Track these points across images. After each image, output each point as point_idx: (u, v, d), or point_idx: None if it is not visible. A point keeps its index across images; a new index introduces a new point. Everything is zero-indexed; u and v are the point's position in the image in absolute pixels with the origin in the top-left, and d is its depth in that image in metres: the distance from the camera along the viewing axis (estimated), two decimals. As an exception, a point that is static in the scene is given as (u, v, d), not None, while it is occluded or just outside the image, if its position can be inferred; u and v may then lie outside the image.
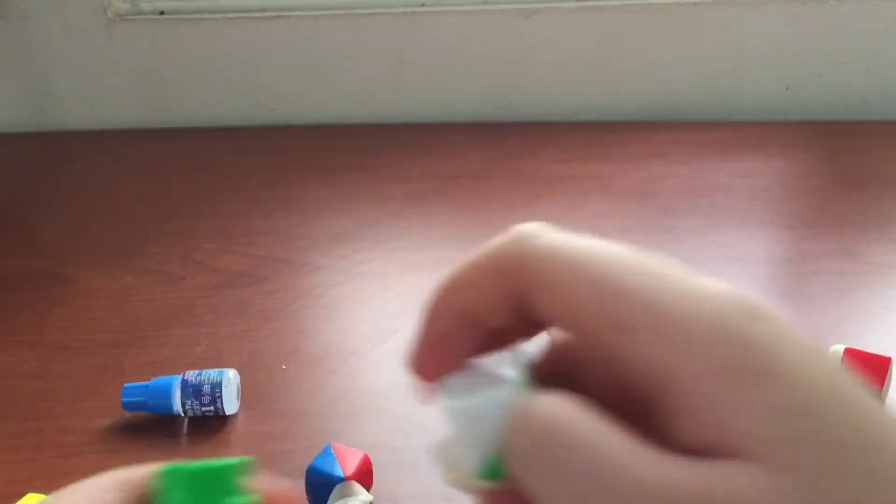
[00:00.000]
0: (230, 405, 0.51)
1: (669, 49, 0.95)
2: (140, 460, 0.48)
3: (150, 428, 0.51)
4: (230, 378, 0.51)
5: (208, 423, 0.51)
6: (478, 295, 0.23)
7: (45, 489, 0.45)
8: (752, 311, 0.20)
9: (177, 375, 0.51)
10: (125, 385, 0.51)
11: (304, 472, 0.42)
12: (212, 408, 0.50)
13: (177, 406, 0.50)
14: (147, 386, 0.51)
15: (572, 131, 0.92)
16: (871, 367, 0.47)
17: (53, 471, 0.48)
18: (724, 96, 0.96)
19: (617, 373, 0.21)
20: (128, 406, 0.51)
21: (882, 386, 0.47)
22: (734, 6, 0.92)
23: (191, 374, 0.51)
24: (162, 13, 0.98)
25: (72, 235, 0.77)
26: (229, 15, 0.97)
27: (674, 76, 0.96)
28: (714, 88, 0.96)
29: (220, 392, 0.50)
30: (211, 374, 0.50)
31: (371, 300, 0.63)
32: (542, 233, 0.23)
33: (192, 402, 0.50)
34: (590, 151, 0.87)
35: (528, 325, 0.23)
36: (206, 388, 0.50)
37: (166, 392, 0.50)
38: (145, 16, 0.99)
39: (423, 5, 0.95)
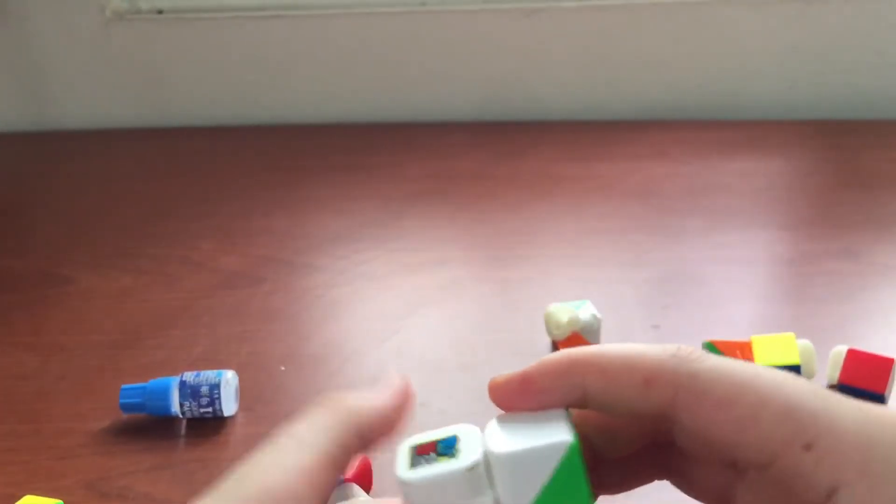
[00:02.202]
0: (228, 406, 0.50)
1: (671, 48, 0.94)
2: (138, 462, 0.48)
3: (148, 429, 0.50)
4: (228, 379, 0.51)
5: (207, 425, 0.50)
6: (609, 391, 0.24)
7: (42, 491, 0.45)
8: None
9: (175, 377, 0.50)
10: (123, 386, 0.51)
11: (303, 474, 0.41)
12: (210, 409, 0.50)
13: (175, 407, 0.50)
14: (145, 387, 0.50)
15: (572, 131, 0.92)
16: (875, 367, 0.47)
17: (50, 473, 0.47)
18: (726, 95, 0.96)
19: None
20: (125, 407, 0.51)
21: (885, 387, 0.46)
22: (736, 5, 0.92)
23: (189, 376, 0.50)
24: (160, 12, 0.98)
25: (69, 236, 0.77)
26: (228, 14, 0.97)
27: (675, 75, 0.96)
28: (716, 88, 0.96)
29: (219, 393, 0.50)
30: (209, 375, 0.50)
31: (371, 300, 0.63)
32: (701, 358, 0.24)
33: (191, 403, 0.50)
34: (590, 151, 0.86)
35: (638, 430, 0.25)
36: (205, 390, 0.49)
37: (164, 393, 0.50)
38: (144, 15, 0.98)
39: (424, 4, 0.94)
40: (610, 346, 0.25)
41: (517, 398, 0.26)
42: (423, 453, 0.25)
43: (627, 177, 0.80)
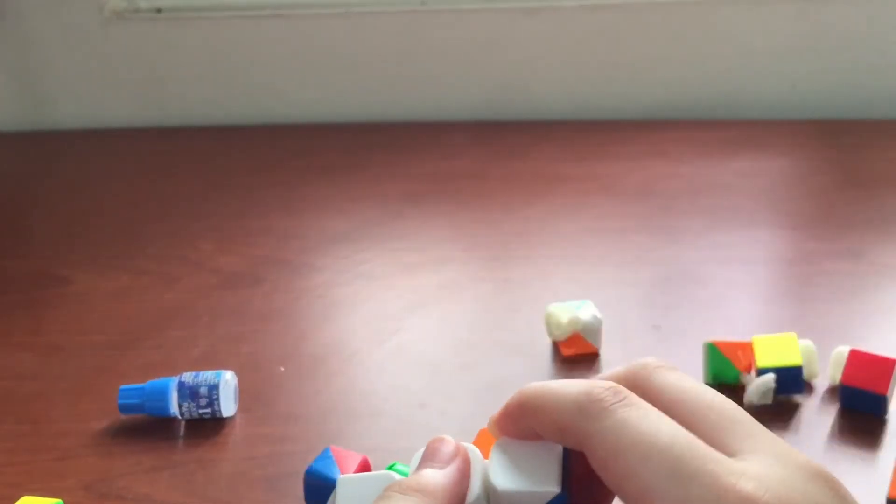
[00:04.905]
0: (227, 407, 0.50)
1: (672, 47, 0.94)
2: (136, 463, 0.48)
3: (147, 430, 0.50)
4: (227, 380, 0.50)
5: (205, 426, 0.50)
6: (544, 433, 0.27)
7: (40, 492, 0.45)
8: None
9: (174, 377, 0.50)
10: (121, 387, 0.51)
11: (303, 474, 0.41)
12: (209, 410, 0.49)
13: (173, 408, 0.50)
14: (143, 388, 0.50)
15: (573, 131, 0.92)
16: (877, 368, 0.47)
17: (48, 474, 0.47)
18: (728, 95, 0.95)
19: None
20: (124, 408, 0.50)
21: (887, 388, 0.46)
22: (736, 5, 0.92)
23: (188, 376, 0.50)
24: (159, 11, 0.98)
25: (67, 235, 0.76)
26: (227, 13, 0.97)
27: (677, 74, 0.95)
28: (718, 87, 0.95)
29: (218, 394, 0.49)
30: (208, 375, 0.50)
31: (371, 300, 0.63)
32: (602, 412, 0.25)
33: (189, 404, 0.49)
34: (591, 151, 0.86)
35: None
36: (204, 390, 0.49)
37: (163, 394, 0.50)
38: (142, 14, 0.98)
39: (424, 4, 0.94)
40: (545, 391, 0.27)
41: (504, 434, 0.29)
42: None
43: (627, 177, 0.80)
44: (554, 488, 0.26)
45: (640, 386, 0.27)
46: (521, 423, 0.28)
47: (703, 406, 0.26)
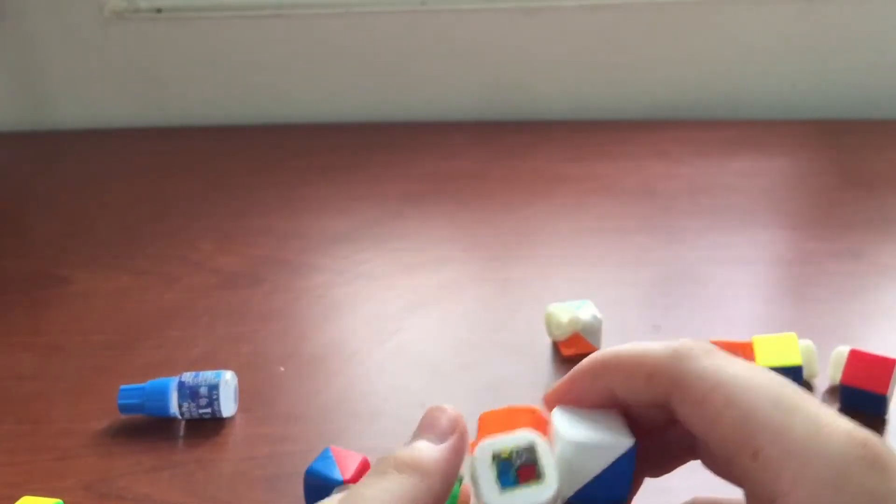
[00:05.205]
0: (227, 407, 0.50)
1: (672, 47, 0.94)
2: (136, 463, 0.48)
3: (147, 430, 0.50)
4: (227, 380, 0.50)
5: (205, 426, 0.50)
6: (624, 386, 0.27)
7: (40, 492, 0.44)
8: (874, 460, 0.22)
9: (174, 377, 0.50)
10: (121, 387, 0.51)
11: (303, 475, 0.41)
12: (209, 410, 0.49)
13: (173, 408, 0.50)
14: (143, 388, 0.50)
15: (573, 131, 0.92)
16: (877, 368, 0.47)
17: (48, 473, 0.47)
18: (728, 95, 0.95)
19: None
20: (124, 408, 0.50)
21: (887, 388, 0.46)
22: (736, 5, 0.92)
23: (188, 376, 0.50)
24: (159, 11, 0.98)
25: (67, 235, 0.76)
26: (227, 13, 0.97)
27: (677, 74, 0.95)
28: (718, 87, 0.95)
29: (218, 394, 0.49)
30: (208, 375, 0.50)
31: (371, 300, 0.63)
32: (698, 356, 0.25)
33: (189, 404, 0.49)
34: (590, 151, 0.86)
35: (664, 417, 0.27)
36: (204, 390, 0.49)
37: (163, 394, 0.50)
38: (142, 14, 0.98)
39: (424, 4, 0.94)
40: (625, 347, 0.27)
41: (566, 401, 0.28)
42: (507, 463, 0.27)
43: (627, 177, 0.80)
44: (628, 440, 0.26)
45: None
46: (596, 383, 0.27)
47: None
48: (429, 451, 0.26)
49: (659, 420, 0.27)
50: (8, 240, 0.77)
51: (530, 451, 0.26)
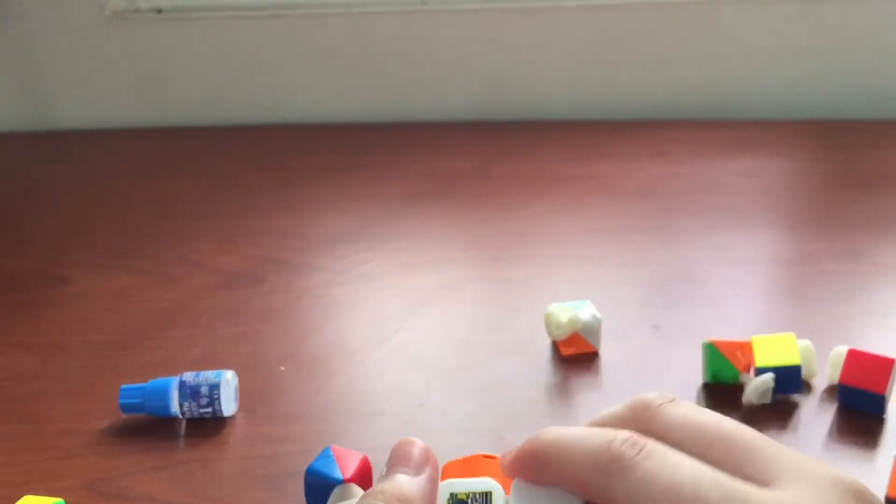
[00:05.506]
0: (228, 407, 0.50)
1: (671, 47, 0.94)
2: (137, 462, 0.48)
3: (148, 430, 0.50)
4: (228, 379, 0.50)
5: (206, 425, 0.50)
6: (560, 484, 0.27)
7: (41, 492, 0.45)
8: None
9: (174, 377, 0.50)
10: (122, 386, 0.51)
11: (303, 474, 0.41)
12: (210, 409, 0.50)
13: (174, 408, 0.50)
14: (144, 387, 0.50)
15: (572, 131, 0.92)
16: (875, 368, 0.47)
17: (49, 473, 0.47)
18: (727, 95, 0.96)
19: None
20: (125, 408, 0.50)
21: (885, 387, 0.46)
22: (736, 5, 0.92)
23: (188, 376, 0.50)
24: (160, 11, 0.98)
25: (68, 235, 0.77)
26: (227, 13, 0.97)
27: (676, 75, 0.96)
28: (717, 87, 0.96)
29: (219, 393, 0.49)
30: (209, 375, 0.50)
31: (371, 300, 0.63)
32: (628, 468, 0.25)
33: (190, 403, 0.49)
34: (590, 151, 0.86)
35: None
36: (204, 390, 0.49)
37: (164, 394, 0.50)
38: (143, 14, 0.98)
39: (424, 4, 0.94)
40: (561, 445, 0.27)
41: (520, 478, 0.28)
42: (461, 502, 0.28)
43: (627, 177, 0.80)
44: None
45: (646, 425, 0.27)
46: (537, 474, 0.27)
47: (720, 438, 0.26)
48: (410, 483, 0.28)
49: None
50: (9, 239, 0.77)
51: (486, 497, 0.27)
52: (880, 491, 0.42)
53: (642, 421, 0.27)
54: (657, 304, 0.60)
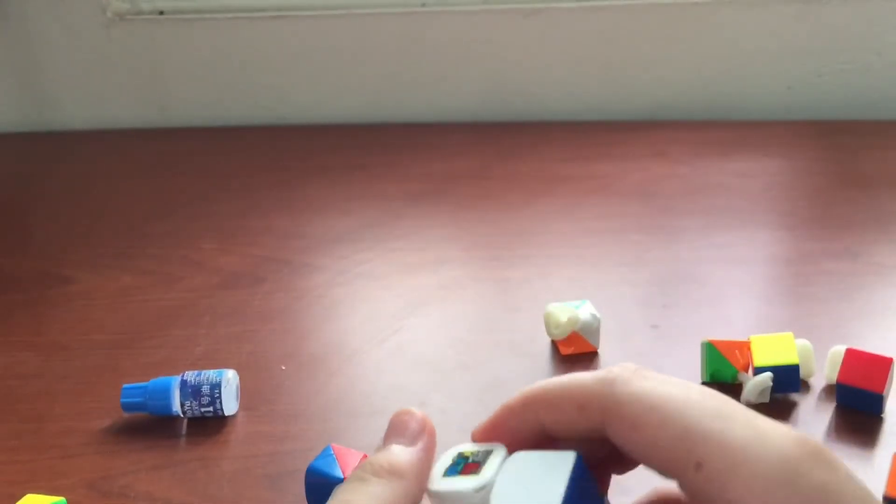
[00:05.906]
0: (229, 406, 0.50)
1: (670, 48, 0.95)
2: (139, 461, 0.48)
3: (149, 429, 0.50)
4: (229, 379, 0.51)
5: (207, 424, 0.50)
6: (555, 420, 0.27)
7: (43, 490, 0.45)
8: (819, 456, 0.23)
9: (176, 376, 0.51)
10: (124, 386, 0.51)
11: (304, 472, 0.42)
12: (211, 408, 0.50)
13: (176, 407, 0.50)
14: (146, 387, 0.50)
15: (572, 131, 0.92)
16: (873, 367, 0.47)
17: (51, 472, 0.48)
18: (725, 96, 0.96)
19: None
20: (126, 407, 0.51)
21: (883, 386, 0.46)
22: (735, 6, 0.92)
23: (190, 375, 0.50)
24: (161, 13, 0.98)
25: (70, 235, 0.77)
26: (229, 14, 0.97)
27: (674, 76, 0.96)
28: (715, 88, 0.96)
29: (220, 393, 0.50)
30: (210, 374, 0.50)
31: (371, 300, 0.63)
32: (629, 380, 0.26)
33: (191, 402, 0.50)
34: (590, 151, 0.87)
35: (601, 446, 0.27)
36: (206, 389, 0.50)
37: (165, 393, 0.50)
38: (145, 16, 0.98)
39: (424, 5, 0.94)
40: (553, 380, 0.27)
41: (496, 439, 0.29)
42: (463, 460, 0.28)
43: (627, 177, 0.80)
44: (569, 453, 0.26)
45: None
46: (525, 417, 0.28)
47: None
48: (403, 454, 0.28)
49: (597, 451, 0.28)
50: (10, 239, 0.77)
51: (487, 454, 0.28)
52: (879, 490, 0.42)
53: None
54: (656, 303, 0.60)
